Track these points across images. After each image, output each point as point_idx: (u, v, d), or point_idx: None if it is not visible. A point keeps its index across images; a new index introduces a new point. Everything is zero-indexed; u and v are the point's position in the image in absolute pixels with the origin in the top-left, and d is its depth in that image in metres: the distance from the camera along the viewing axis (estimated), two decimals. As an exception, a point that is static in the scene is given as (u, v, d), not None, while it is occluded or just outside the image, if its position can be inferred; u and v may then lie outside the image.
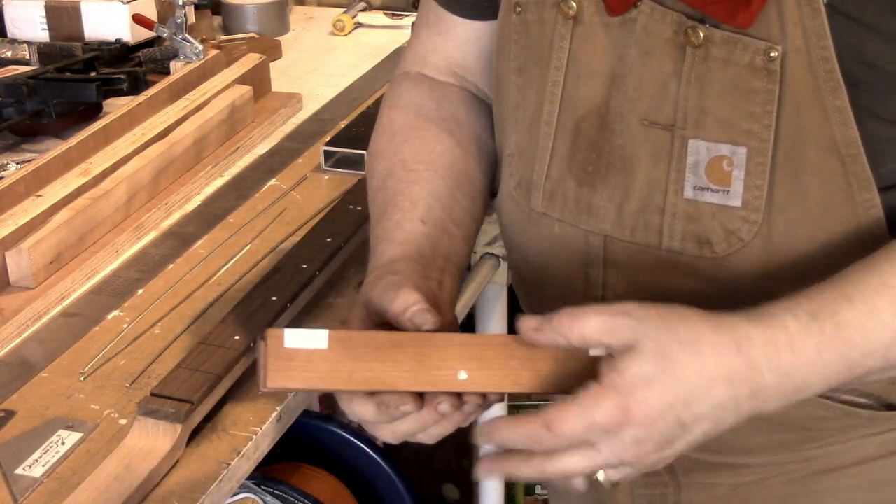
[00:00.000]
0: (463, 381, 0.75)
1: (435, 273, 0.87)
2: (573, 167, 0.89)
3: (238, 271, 1.26)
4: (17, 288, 1.19)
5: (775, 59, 0.78)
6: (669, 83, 0.83)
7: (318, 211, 1.38)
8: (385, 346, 0.75)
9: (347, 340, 0.75)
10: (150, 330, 1.15)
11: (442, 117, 1.00)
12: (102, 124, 1.42)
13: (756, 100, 0.80)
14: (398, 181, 0.95)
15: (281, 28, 2.06)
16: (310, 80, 1.84)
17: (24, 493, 0.93)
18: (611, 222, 0.88)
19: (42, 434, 0.99)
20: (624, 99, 0.85)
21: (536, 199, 0.92)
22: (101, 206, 1.29)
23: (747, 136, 0.81)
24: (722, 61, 0.80)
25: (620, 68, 0.85)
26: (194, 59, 1.65)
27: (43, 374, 1.09)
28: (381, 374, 0.74)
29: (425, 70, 1.04)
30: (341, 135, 1.54)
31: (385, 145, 1.00)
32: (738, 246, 0.84)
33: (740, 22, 0.78)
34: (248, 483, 1.37)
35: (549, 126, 0.90)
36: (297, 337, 0.74)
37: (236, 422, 1.01)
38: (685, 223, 0.85)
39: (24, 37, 1.81)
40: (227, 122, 1.54)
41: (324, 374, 0.74)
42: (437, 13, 1.02)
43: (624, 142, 0.86)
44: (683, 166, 0.83)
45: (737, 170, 0.82)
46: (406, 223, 0.91)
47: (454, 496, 1.87)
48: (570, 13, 0.87)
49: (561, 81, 0.88)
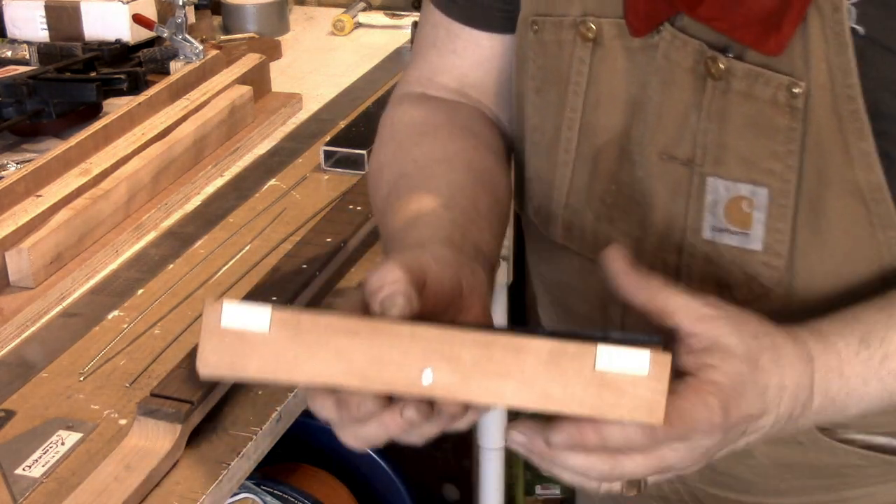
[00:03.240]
0: (427, 385, 0.62)
1: (466, 260, 0.75)
2: (592, 199, 0.85)
3: (238, 271, 1.26)
4: (17, 288, 1.19)
5: (798, 95, 0.73)
6: (689, 116, 0.78)
7: (318, 211, 1.38)
8: (338, 333, 0.62)
9: (294, 323, 0.62)
10: (150, 330, 1.15)
11: (454, 124, 0.91)
12: (102, 124, 1.42)
13: (778, 138, 0.75)
14: (412, 179, 0.86)
15: (281, 28, 2.06)
16: (310, 80, 1.84)
17: (24, 494, 0.92)
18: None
19: (42, 434, 0.99)
20: (644, 129, 0.81)
21: (555, 229, 0.88)
22: (101, 206, 1.29)
23: (769, 175, 0.76)
24: (743, 95, 0.75)
25: (641, 97, 0.81)
26: (194, 59, 1.65)
27: (43, 374, 1.08)
28: (329, 368, 0.62)
29: (430, 91, 0.95)
30: (341, 135, 1.54)
31: (391, 156, 0.90)
32: (760, 292, 0.79)
33: (771, 48, 0.73)
34: (248, 483, 1.37)
35: (567, 153, 0.85)
36: (236, 313, 0.62)
37: (236, 422, 1.01)
38: (704, 265, 0.80)
39: (24, 37, 1.81)
40: (227, 122, 1.54)
41: (264, 361, 0.62)
42: (448, 30, 0.93)
43: (643, 175, 0.81)
44: (702, 205, 0.79)
45: (757, 211, 0.77)
46: (427, 210, 0.81)
47: (454, 496, 1.87)
48: (590, 35, 0.82)
49: (580, 107, 0.84)
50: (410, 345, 0.62)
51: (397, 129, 0.93)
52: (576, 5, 0.83)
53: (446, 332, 0.62)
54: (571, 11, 0.83)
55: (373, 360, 0.62)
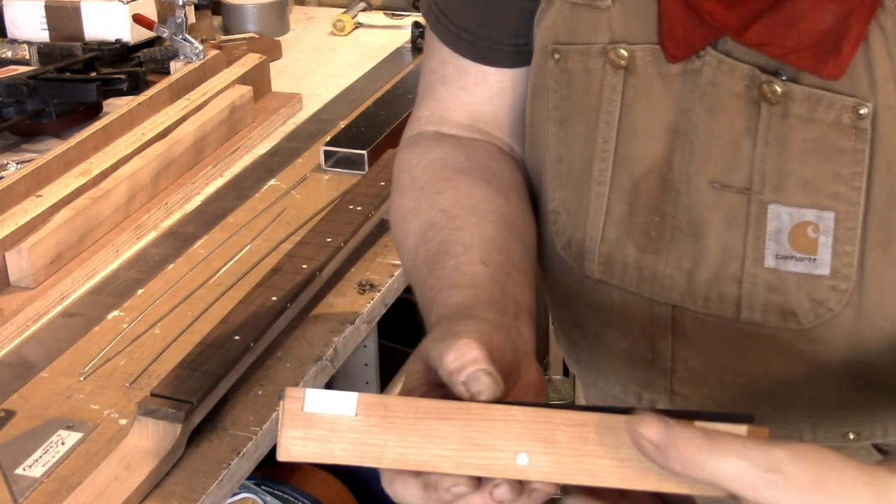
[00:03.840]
0: (522, 467, 0.60)
1: (511, 319, 0.73)
2: (633, 231, 0.82)
3: (238, 271, 1.26)
4: (17, 288, 1.19)
5: (865, 116, 0.70)
6: (742, 143, 0.75)
7: (318, 211, 1.38)
8: (428, 416, 0.61)
9: (381, 407, 0.61)
10: (150, 330, 1.15)
11: (474, 167, 0.87)
12: (102, 124, 1.42)
13: (843, 161, 0.72)
14: (441, 230, 0.82)
15: (281, 28, 2.06)
16: (310, 80, 1.84)
17: (24, 493, 0.92)
18: (680, 292, 0.80)
19: (42, 434, 0.99)
20: (690, 158, 0.77)
21: (591, 263, 0.85)
22: (101, 206, 1.29)
23: (835, 199, 0.73)
24: (804, 120, 0.72)
25: (684, 124, 0.77)
26: (194, 59, 1.65)
27: (43, 374, 1.09)
28: (420, 452, 0.61)
29: (443, 129, 0.92)
30: (341, 135, 1.54)
31: (415, 202, 0.87)
32: (827, 317, 0.76)
33: (830, 72, 0.70)
34: (248, 483, 1.37)
35: (601, 185, 0.82)
36: (320, 399, 0.61)
37: (236, 422, 1.01)
38: (767, 294, 0.77)
39: (24, 37, 1.81)
40: (227, 122, 1.54)
41: (350, 446, 0.61)
42: (458, 66, 0.90)
43: (691, 204, 0.78)
44: (763, 233, 0.76)
45: (823, 236, 0.74)
46: (466, 266, 0.77)
47: (454, 496, 1.87)
48: (621, 63, 0.78)
49: (613, 137, 0.80)
50: (505, 428, 0.61)
51: (416, 173, 0.89)
52: (602, 32, 0.79)
53: (540, 413, 0.61)
54: (598, 39, 0.80)
55: (466, 443, 0.61)
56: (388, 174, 1.33)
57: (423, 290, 0.79)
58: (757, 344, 0.78)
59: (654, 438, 0.57)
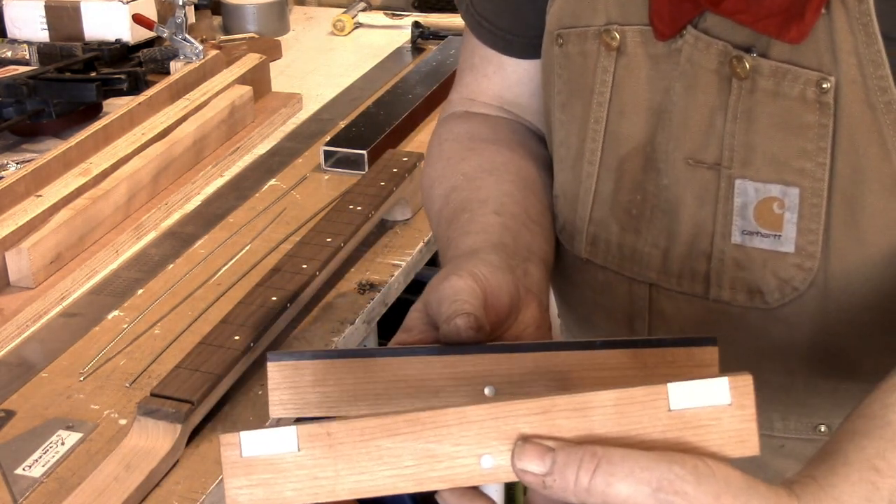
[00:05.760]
0: (489, 470, 0.56)
1: (519, 262, 0.75)
2: (616, 210, 0.83)
3: (238, 271, 1.26)
4: (17, 288, 1.19)
5: (828, 90, 0.71)
6: (715, 118, 0.76)
7: (318, 211, 1.38)
8: (375, 436, 0.56)
9: (324, 435, 0.57)
10: (150, 330, 1.15)
11: (499, 138, 0.91)
12: (102, 124, 1.42)
13: (808, 135, 0.73)
14: (462, 191, 0.85)
15: (281, 28, 2.06)
16: (310, 80, 1.84)
17: (24, 494, 0.93)
18: (656, 269, 0.82)
19: (42, 434, 0.99)
20: (669, 136, 0.79)
21: (579, 244, 0.86)
22: (101, 206, 1.29)
23: (800, 175, 0.74)
24: (770, 94, 0.74)
25: (665, 103, 0.79)
26: (194, 59, 1.65)
27: (43, 374, 1.09)
28: (375, 477, 0.56)
29: (473, 109, 0.95)
30: (341, 135, 1.54)
31: (441, 171, 0.90)
32: (793, 295, 0.77)
33: (793, 37, 0.71)
34: (248, 483, 1.36)
35: (591, 165, 0.84)
36: (258, 440, 0.56)
37: (236, 422, 1.01)
38: (734, 270, 0.78)
39: (24, 37, 1.81)
40: (227, 122, 1.54)
41: (300, 483, 0.57)
42: (482, 55, 0.93)
43: (669, 182, 0.79)
44: (731, 209, 0.77)
45: (788, 212, 0.75)
46: (479, 217, 0.80)
47: (454, 496, 1.87)
48: (614, 44, 0.80)
49: (604, 117, 0.82)
50: (460, 431, 0.56)
51: (444, 146, 0.92)
52: (600, 15, 0.81)
53: (495, 408, 0.56)
54: (595, 21, 0.82)
55: (423, 456, 0.56)
56: (388, 174, 1.33)
57: (442, 243, 0.82)
58: (726, 323, 0.80)
59: (538, 471, 0.54)
